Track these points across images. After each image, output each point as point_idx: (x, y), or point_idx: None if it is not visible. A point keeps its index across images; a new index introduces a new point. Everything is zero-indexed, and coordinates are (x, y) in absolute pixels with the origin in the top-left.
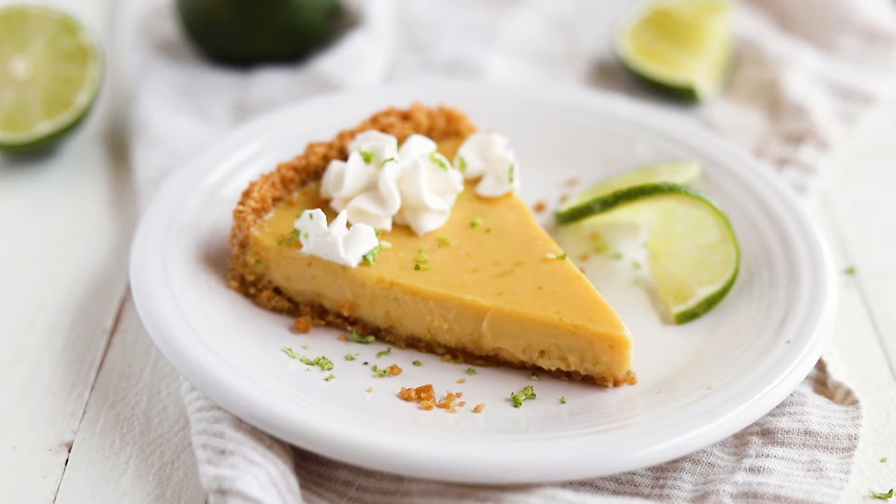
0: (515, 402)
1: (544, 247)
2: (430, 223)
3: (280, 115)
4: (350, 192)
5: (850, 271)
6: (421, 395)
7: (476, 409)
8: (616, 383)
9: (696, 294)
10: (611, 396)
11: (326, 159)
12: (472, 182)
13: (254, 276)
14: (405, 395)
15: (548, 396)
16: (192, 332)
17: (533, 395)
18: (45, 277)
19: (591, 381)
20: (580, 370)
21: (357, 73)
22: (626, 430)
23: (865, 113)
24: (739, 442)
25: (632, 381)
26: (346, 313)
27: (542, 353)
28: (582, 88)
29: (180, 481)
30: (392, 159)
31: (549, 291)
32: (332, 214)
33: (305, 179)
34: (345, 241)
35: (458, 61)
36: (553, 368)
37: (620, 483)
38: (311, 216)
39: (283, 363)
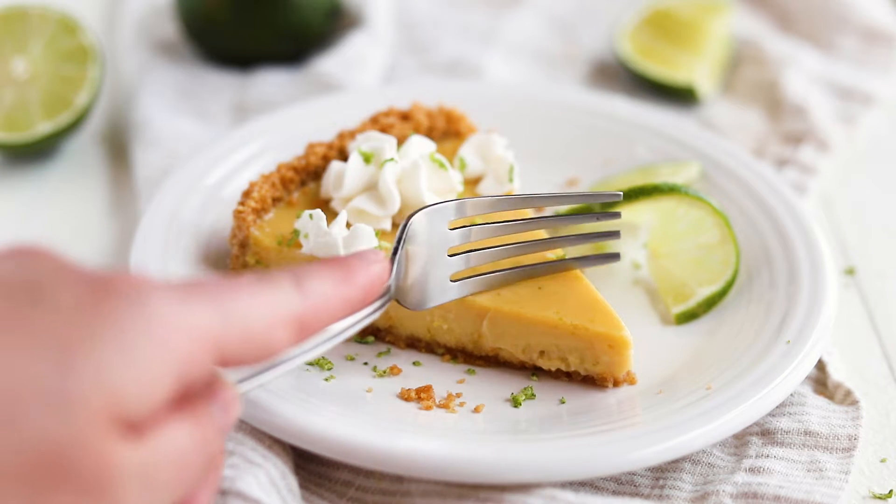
0: (515, 403)
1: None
2: None
3: (280, 116)
4: (350, 193)
5: (850, 272)
6: (421, 396)
7: (476, 410)
8: (616, 383)
9: (696, 294)
10: (611, 397)
11: (326, 159)
12: (472, 182)
13: None
14: (405, 396)
15: (548, 397)
16: None
17: (533, 396)
18: None
19: (591, 381)
20: (580, 370)
21: (357, 74)
22: (626, 431)
23: (865, 113)
24: (739, 442)
25: (632, 382)
26: None
27: (541, 353)
28: (582, 88)
29: None
30: (392, 159)
31: (549, 292)
32: (332, 214)
33: (305, 179)
34: (345, 241)
35: (457, 61)
36: (553, 369)
37: (620, 483)
38: (311, 216)
39: None
